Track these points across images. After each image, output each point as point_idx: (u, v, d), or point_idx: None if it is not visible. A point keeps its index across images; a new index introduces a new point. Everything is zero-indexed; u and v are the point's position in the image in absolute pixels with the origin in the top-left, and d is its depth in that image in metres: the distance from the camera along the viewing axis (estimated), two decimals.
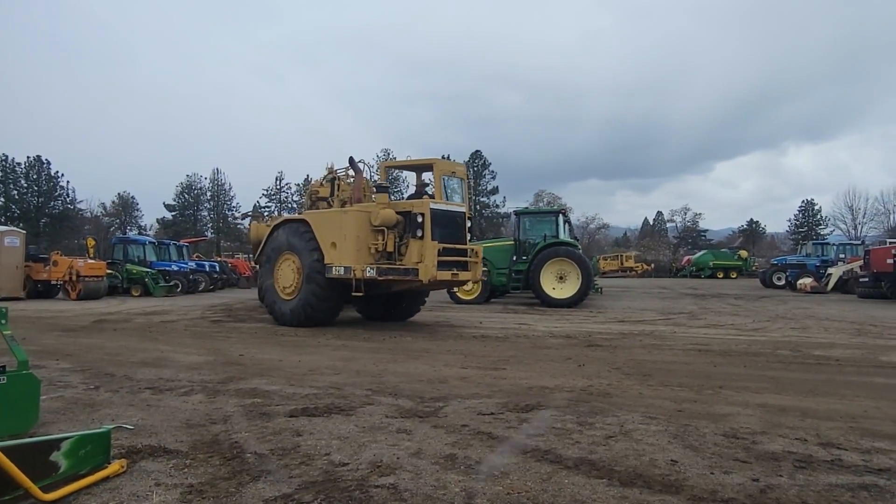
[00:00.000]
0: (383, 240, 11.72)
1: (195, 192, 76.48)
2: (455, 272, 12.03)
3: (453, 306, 19.28)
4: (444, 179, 12.25)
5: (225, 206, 78.24)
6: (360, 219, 11.80)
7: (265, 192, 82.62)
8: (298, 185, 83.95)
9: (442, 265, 11.58)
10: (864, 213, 73.14)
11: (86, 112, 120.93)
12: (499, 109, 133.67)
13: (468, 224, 12.79)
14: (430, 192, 12.63)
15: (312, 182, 15.83)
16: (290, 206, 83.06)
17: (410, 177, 13.90)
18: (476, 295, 20.45)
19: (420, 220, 11.49)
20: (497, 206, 77.73)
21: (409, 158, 12.84)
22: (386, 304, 13.84)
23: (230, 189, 78.70)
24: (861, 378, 7.35)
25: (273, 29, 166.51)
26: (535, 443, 4.34)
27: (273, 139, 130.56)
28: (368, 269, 11.51)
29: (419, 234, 11.47)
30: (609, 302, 21.88)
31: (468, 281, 13.64)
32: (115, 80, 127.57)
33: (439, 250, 11.47)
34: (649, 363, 8.21)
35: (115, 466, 3.73)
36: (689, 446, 4.29)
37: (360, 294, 11.69)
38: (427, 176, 13.10)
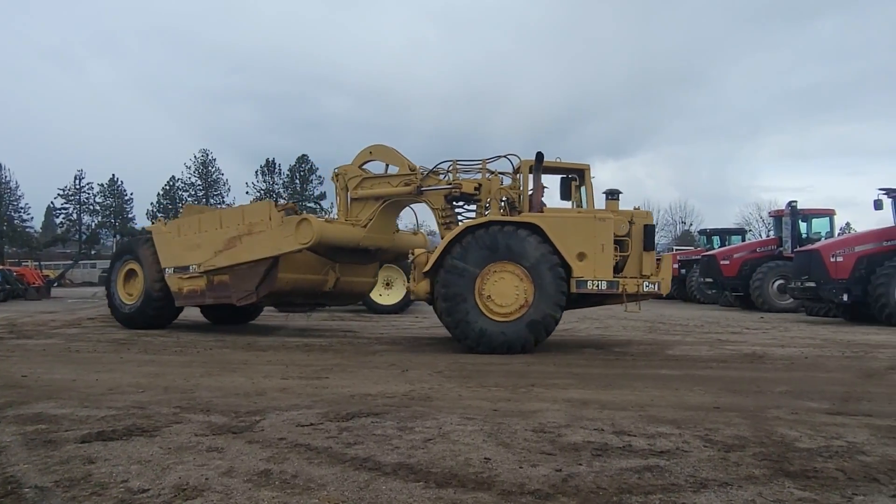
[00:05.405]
0: (617, 251, 10.43)
1: None
2: None
3: (278, 315, 18.57)
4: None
5: (10, 206, 69.06)
6: (611, 227, 10.39)
7: (61, 192, 74.31)
8: (102, 185, 76.53)
9: None
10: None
11: None
12: (327, 113, 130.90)
13: None
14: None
15: (345, 168, 12.37)
16: (91, 207, 75.50)
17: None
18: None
19: (651, 230, 10.66)
20: (325, 213, 76.90)
21: (558, 160, 11.19)
22: None
23: (17, 188, 69.85)
24: (650, 370, 8.27)
25: (66, 10, 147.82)
26: (354, 451, 4.29)
27: (71, 134, 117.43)
28: (647, 283, 10.18)
29: (651, 245, 10.55)
30: None
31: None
32: None
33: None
34: (469, 365, 8.54)
35: None
36: (502, 443, 4.51)
37: (637, 311, 10.79)
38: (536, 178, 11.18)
